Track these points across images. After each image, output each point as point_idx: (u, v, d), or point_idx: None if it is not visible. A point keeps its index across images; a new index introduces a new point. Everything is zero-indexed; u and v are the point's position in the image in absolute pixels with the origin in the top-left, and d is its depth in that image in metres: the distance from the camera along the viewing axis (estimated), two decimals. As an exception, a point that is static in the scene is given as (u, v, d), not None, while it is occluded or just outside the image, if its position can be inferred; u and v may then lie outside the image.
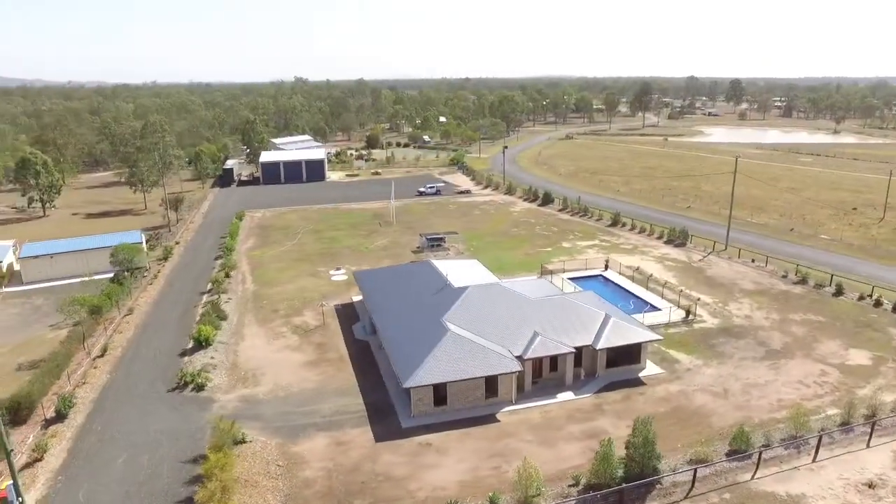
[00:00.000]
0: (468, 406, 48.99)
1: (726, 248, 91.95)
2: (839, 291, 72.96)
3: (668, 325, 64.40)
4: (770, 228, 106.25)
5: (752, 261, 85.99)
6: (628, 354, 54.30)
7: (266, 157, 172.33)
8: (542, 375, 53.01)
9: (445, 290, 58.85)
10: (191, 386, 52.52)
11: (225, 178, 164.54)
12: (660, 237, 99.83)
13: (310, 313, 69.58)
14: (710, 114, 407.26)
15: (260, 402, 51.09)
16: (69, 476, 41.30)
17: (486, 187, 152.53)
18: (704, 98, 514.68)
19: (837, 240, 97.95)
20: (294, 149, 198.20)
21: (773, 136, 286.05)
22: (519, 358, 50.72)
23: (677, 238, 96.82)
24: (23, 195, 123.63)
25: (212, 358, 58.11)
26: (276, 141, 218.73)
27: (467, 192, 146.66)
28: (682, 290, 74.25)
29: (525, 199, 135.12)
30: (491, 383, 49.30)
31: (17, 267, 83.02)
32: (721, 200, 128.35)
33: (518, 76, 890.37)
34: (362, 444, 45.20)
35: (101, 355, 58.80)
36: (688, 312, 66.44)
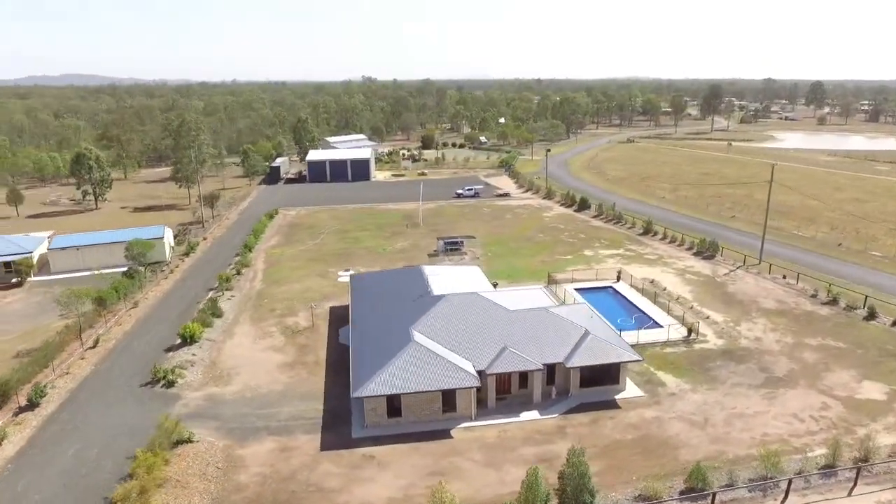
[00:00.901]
0: (424, 420, 47.47)
1: (759, 263, 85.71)
2: (871, 315, 66.37)
3: (665, 343, 60.45)
4: (816, 242, 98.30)
5: (784, 277, 79.70)
6: (605, 374, 51.15)
7: (313, 155, 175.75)
8: (511, 392, 50.78)
9: (424, 298, 57.46)
10: (162, 382, 53.53)
11: (272, 176, 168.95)
12: (689, 248, 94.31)
13: (304, 314, 69.84)
14: (787, 118, 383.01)
15: (224, 402, 51.49)
16: (19, 465, 42.87)
17: (526, 191, 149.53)
18: (783, 101, 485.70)
19: (889, 257, 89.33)
20: (347, 147, 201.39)
21: (856, 142, 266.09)
22: (481, 373, 48.79)
23: (707, 249, 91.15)
24: (77, 188, 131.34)
25: (193, 355, 59.20)
26: (331, 139, 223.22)
27: (506, 195, 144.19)
28: (692, 307, 69.62)
29: (562, 204, 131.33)
30: (448, 397, 47.57)
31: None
32: (772, 211, 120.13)
33: (591, 77, 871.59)
34: (307, 451, 44.62)
35: (93, 346, 61.08)
36: (690, 331, 62.13)
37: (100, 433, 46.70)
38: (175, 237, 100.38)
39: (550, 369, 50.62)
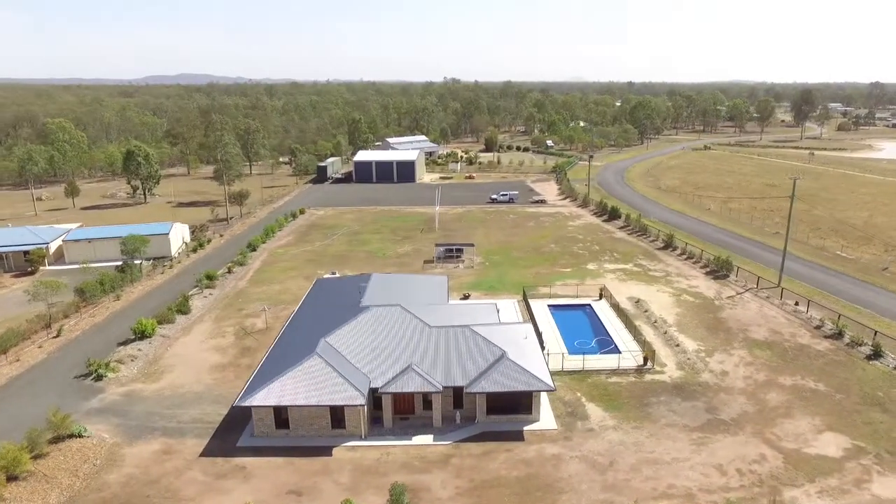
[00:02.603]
0: (312, 434, 46.04)
1: (779, 285, 77.21)
2: (876, 353, 57.83)
3: (614, 371, 55.40)
4: (858, 266, 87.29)
5: (795, 303, 71.26)
6: (517, 403, 47.40)
7: (360, 156, 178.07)
8: (414, 412, 48.25)
9: (351, 309, 55.80)
10: (93, 376, 55.25)
11: (320, 176, 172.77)
12: (704, 266, 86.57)
13: (269, 315, 70.11)
14: (894, 125, 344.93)
15: (139, 399, 52.38)
16: None
17: (565, 198, 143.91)
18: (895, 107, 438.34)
19: (936, 288, 77.70)
20: (406, 148, 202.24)
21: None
22: (374, 391, 46.64)
23: (721, 268, 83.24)
24: (128, 183, 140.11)
25: (139, 350, 60.84)
26: (391, 140, 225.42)
27: (541, 201, 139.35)
28: (666, 332, 63.55)
29: (594, 213, 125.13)
30: (337, 414, 45.81)
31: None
32: (824, 227, 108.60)
33: (690, 81, 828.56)
34: (187, 456, 44.39)
35: (55, 336, 64.22)
36: (646, 360, 56.58)
37: (4, 423, 48.48)
38: (192, 233, 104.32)
39: (456, 392, 47.60)
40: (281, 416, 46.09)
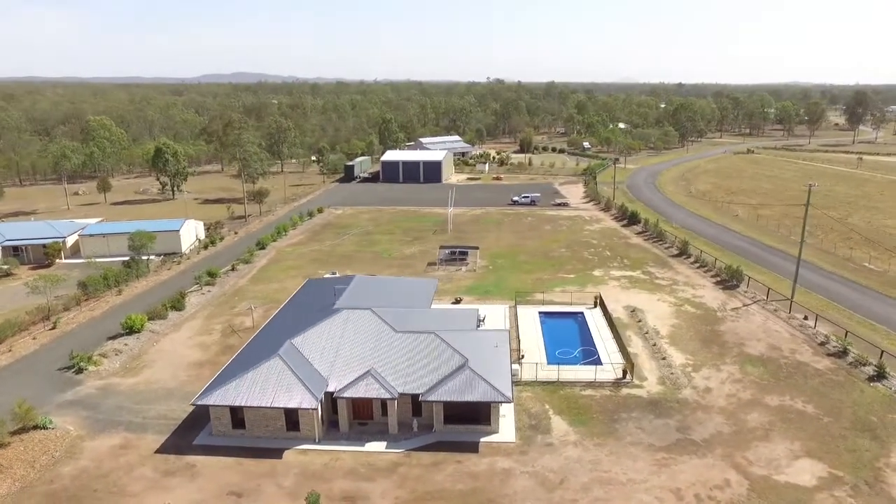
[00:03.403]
0: (268, 435, 45.97)
1: (791, 297, 73.22)
2: (880, 374, 54.00)
3: (590, 384, 53.38)
4: (884, 278, 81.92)
5: (804, 317, 67.40)
6: (475, 413, 46.14)
7: (388, 156, 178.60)
8: (373, 418, 47.60)
9: (325, 311, 55.49)
10: (74, 368, 56.66)
11: (347, 175, 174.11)
12: (716, 275, 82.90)
13: (258, 313, 70.67)
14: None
15: (113, 393, 53.41)
16: None
17: (589, 201, 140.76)
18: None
19: (965, 306, 72.16)
20: (439, 148, 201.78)
21: None
22: (330, 395, 46.21)
23: (731, 278, 79.56)
24: (157, 180, 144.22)
25: (125, 345, 62.17)
26: (424, 140, 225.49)
27: (564, 204, 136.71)
28: (655, 344, 60.94)
29: (614, 217, 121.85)
30: (291, 416, 45.55)
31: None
32: (856, 237, 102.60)
33: (744, 83, 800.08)
34: (142, 452, 44.94)
35: (52, 329, 66.27)
36: (624, 373, 54.33)
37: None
38: (207, 230, 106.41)
39: (417, 400, 46.66)
40: (237, 416, 46.18)
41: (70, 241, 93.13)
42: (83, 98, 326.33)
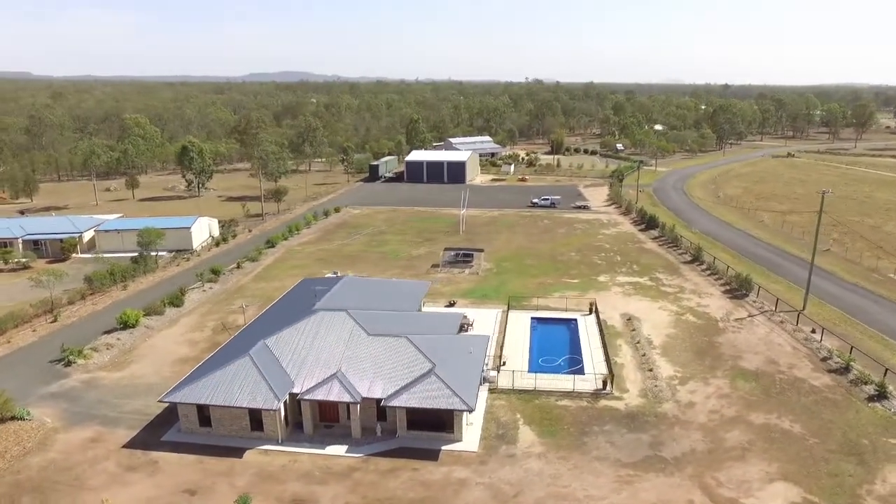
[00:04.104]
0: (233, 434, 46.20)
1: (803, 308, 70.03)
2: (881, 394, 50.93)
3: (568, 394, 51.87)
4: (907, 293, 77.53)
5: (812, 330, 64.22)
6: (438, 420, 45.32)
7: (412, 156, 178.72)
8: (339, 421, 47.32)
9: (303, 311, 55.48)
10: (63, 361, 58.15)
11: (371, 175, 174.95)
12: (727, 283, 79.82)
13: (251, 311, 71.30)
14: None
15: (96, 387, 54.59)
16: None
17: (611, 204, 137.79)
18: None
19: None
20: (468, 148, 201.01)
21: None
22: (295, 395, 46.12)
23: (740, 287, 76.47)
24: (183, 177, 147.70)
25: (118, 339, 63.56)
26: (454, 140, 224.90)
27: (584, 207, 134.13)
28: (644, 354, 58.89)
29: (633, 222, 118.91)
30: (255, 416, 45.63)
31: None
32: (887, 246, 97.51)
33: (796, 84, 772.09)
34: (110, 446, 45.73)
35: (53, 321, 68.29)
36: (604, 384, 52.62)
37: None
38: (222, 227, 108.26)
39: (378, 404, 46.14)
40: (204, 414, 46.54)
41: (87, 236, 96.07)
42: (128, 96, 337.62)
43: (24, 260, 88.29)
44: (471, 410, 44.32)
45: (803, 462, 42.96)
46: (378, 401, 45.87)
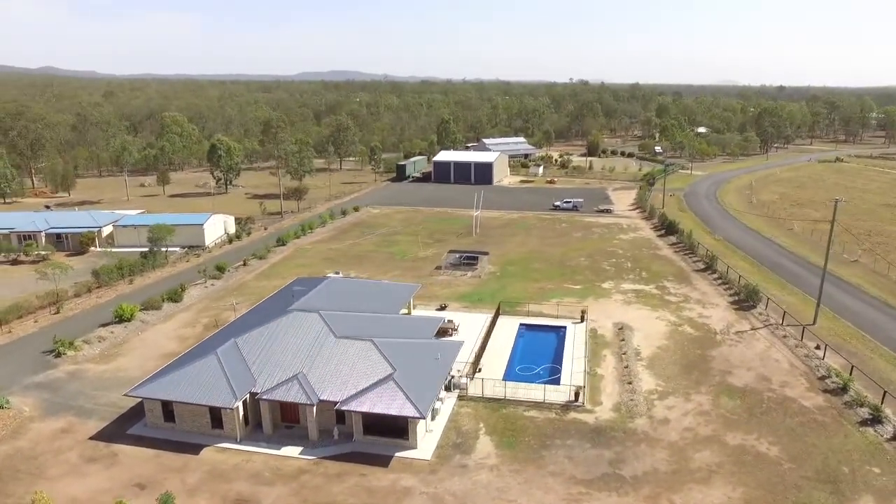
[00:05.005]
0: (195, 431, 46.71)
1: (814, 322, 66.48)
2: (875, 418, 47.67)
3: (538, 405, 50.42)
4: (933, 310, 72.50)
5: (817, 347, 60.76)
6: (394, 426, 44.68)
7: (440, 156, 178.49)
8: (300, 422, 47.30)
9: (279, 312, 55.72)
10: (54, 352, 60.07)
11: (399, 175, 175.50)
12: (735, 293, 76.44)
13: (243, 310, 72.06)
14: None
15: (80, 378, 56.16)
16: None
17: (636, 208, 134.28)
18: None
19: None
20: (501, 149, 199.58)
21: None
22: (254, 395, 46.30)
23: (748, 298, 73.09)
24: (212, 174, 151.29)
25: (111, 332, 65.34)
26: (487, 141, 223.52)
27: (606, 211, 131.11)
28: (627, 366, 56.77)
29: (653, 227, 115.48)
30: (216, 414, 46.00)
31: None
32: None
33: (857, 85, 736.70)
34: (78, 437, 46.91)
35: (56, 313, 70.73)
36: (576, 395, 50.93)
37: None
38: (238, 224, 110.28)
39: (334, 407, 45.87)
40: (168, 409, 47.24)
41: (105, 231, 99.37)
42: (178, 94, 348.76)
43: (43, 253, 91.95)
44: (422, 417, 43.53)
45: (772, 488, 40.48)
46: (334, 403, 45.61)
